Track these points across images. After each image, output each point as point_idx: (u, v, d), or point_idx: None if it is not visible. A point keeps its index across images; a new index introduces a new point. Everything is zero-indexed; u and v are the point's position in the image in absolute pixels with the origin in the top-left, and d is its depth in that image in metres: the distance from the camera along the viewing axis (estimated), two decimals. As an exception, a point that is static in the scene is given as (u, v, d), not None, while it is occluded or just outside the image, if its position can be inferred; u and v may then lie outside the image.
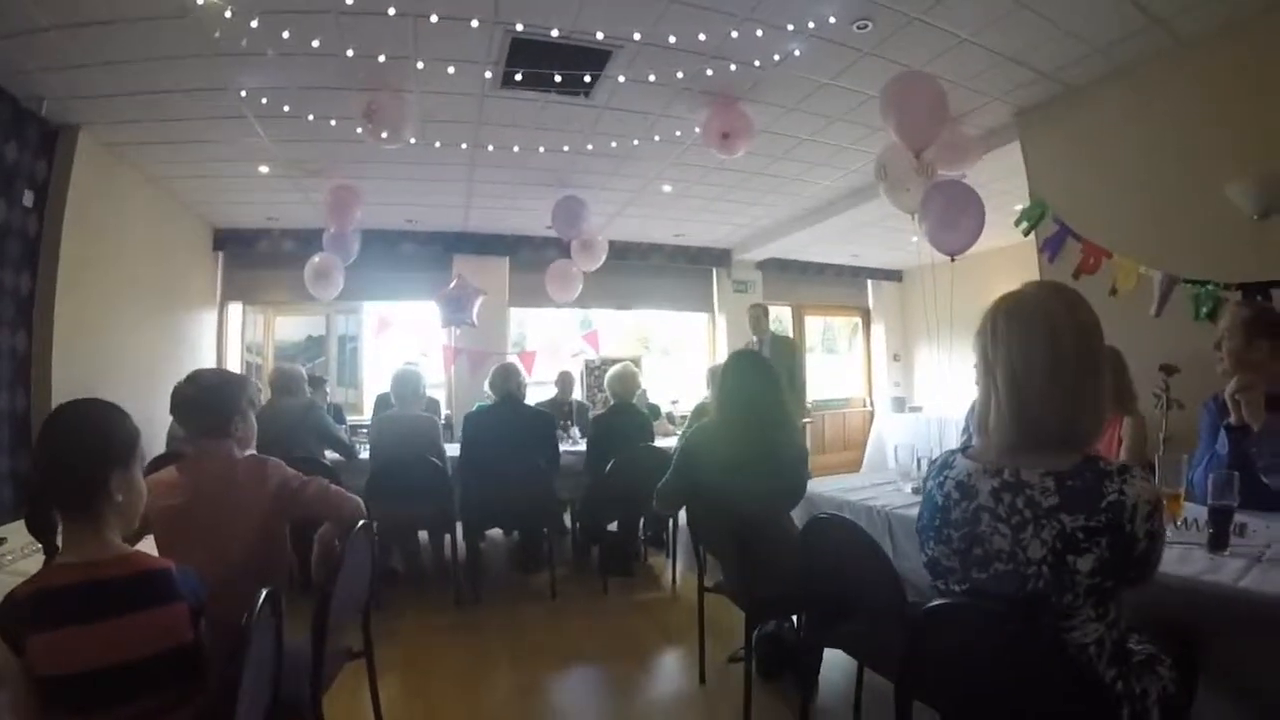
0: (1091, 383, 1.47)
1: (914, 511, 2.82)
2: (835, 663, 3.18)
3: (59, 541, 1.52)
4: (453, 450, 5.03)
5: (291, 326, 8.63)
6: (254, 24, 3.51)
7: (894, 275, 11.09)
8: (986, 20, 3.84)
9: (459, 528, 4.73)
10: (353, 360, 8.75)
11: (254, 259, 7.98)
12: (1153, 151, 4.36)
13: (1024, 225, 5.01)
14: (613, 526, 5.38)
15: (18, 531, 2.52)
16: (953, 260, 4.36)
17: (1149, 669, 1.55)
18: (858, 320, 11.44)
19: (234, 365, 7.88)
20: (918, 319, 10.78)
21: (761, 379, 3.15)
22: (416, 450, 4.65)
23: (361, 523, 2.38)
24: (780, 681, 3.29)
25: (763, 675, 3.27)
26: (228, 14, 3.39)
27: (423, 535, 5.34)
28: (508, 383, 4.93)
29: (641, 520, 5.49)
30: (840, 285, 10.87)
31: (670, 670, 3.74)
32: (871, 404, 10.81)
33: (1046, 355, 1.45)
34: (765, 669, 3.30)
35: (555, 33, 3.80)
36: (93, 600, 1.43)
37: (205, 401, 2.24)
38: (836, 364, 11.65)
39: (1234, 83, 3.89)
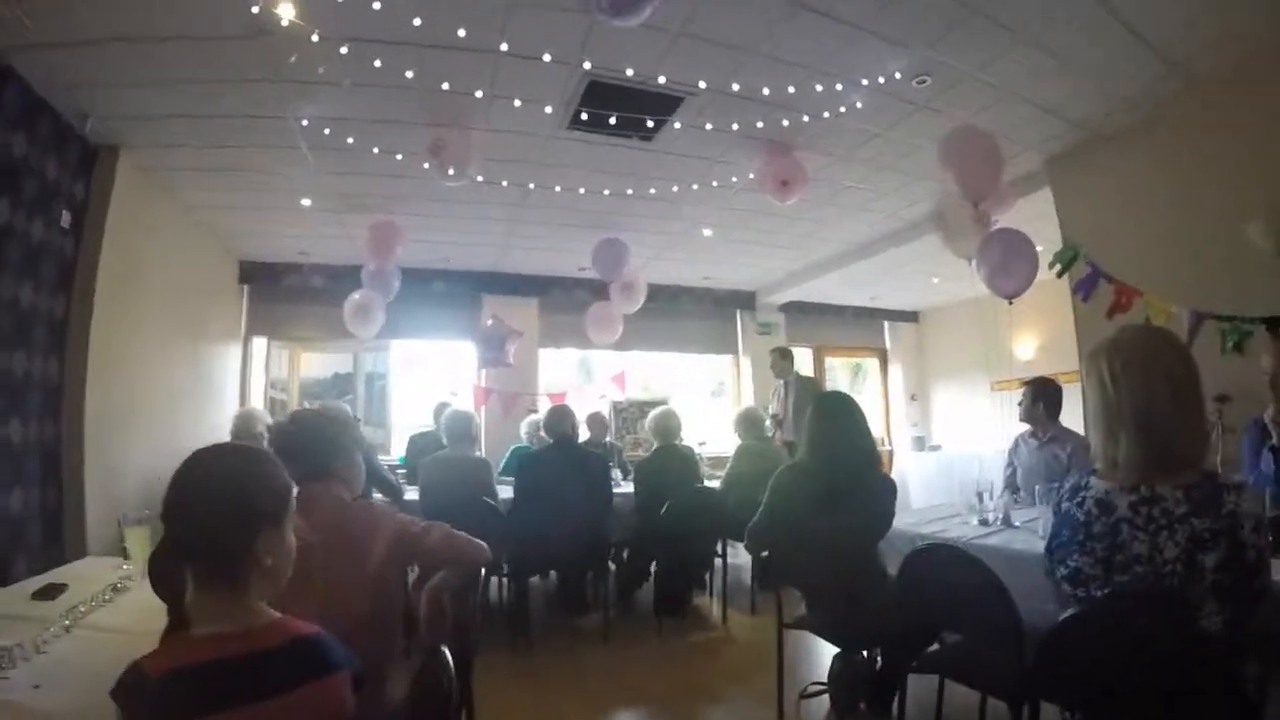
0: (1201, 409, 1.77)
1: (989, 541, 3.06)
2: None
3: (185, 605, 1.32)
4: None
5: (318, 363, 8.56)
6: (344, 50, 3.51)
7: (910, 316, 11.26)
8: (1030, 76, 4.06)
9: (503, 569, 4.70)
10: (381, 398, 8.71)
11: (281, 294, 7.97)
12: (1177, 193, 4.55)
13: (1057, 268, 5.14)
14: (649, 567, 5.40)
15: (76, 578, 2.44)
16: (1010, 303, 4.47)
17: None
18: (859, 361, 11.61)
19: (258, 401, 7.80)
20: (935, 359, 10.94)
21: (852, 419, 3.23)
22: (471, 492, 4.62)
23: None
24: (856, 714, 3.30)
25: (841, 708, 3.29)
26: (314, 38, 3.36)
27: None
28: (563, 424, 4.97)
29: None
30: (859, 327, 11.02)
31: (744, 709, 3.73)
32: (890, 443, 10.87)
33: (1168, 391, 1.70)
34: (843, 701, 3.32)
35: (634, 75, 3.92)
36: (258, 675, 1.23)
37: (308, 441, 2.10)
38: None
39: (1250, 122, 4.09)
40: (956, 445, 10.14)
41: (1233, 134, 4.19)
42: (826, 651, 3.45)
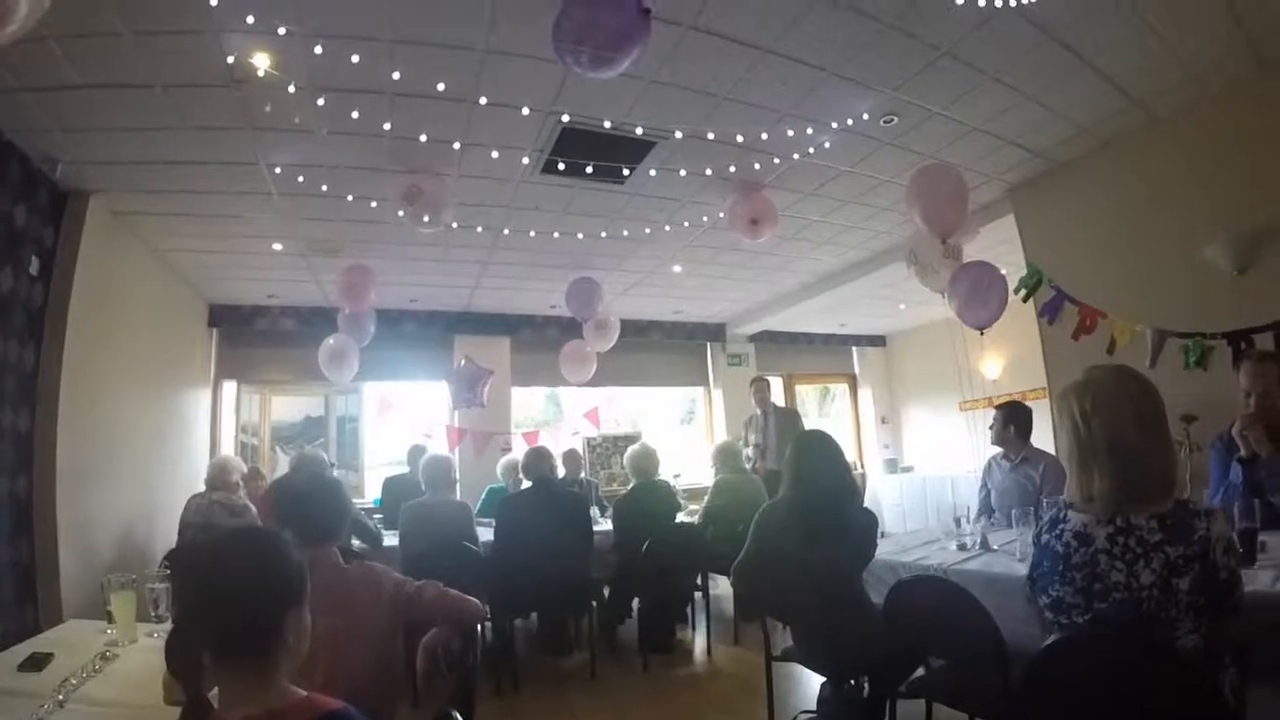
0: (1169, 440, 1.88)
1: (969, 566, 3.13)
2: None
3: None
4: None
5: (289, 407, 8.47)
6: (320, 102, 3.55)
7: (878, 341, 11.47)
8: (996, 110, 4.23)
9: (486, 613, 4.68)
10: (353, 441, 8.65)
11: (251, 337, 7.88)
12: (1137, 218, 4.76)
13: (1022, 292, 5.31)
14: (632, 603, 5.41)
15: (61, 645, 2.37)
16: (981, 334, 4.60)
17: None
18: (826, 387, 11.80)
19: (229, 446, 7.71)
20: (904, 382, 11.14)
21: (831, 455, 3.30)
22: (451, 537, 4.59)
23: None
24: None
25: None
26: (291, 89, 3.39)
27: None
28: (541, 466, 4.98)
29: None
30: (827, 353, 11.20)
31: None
32: (863, 466, 10.99)
33: (1137, 426, 1.81)
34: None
35: (608, 124, 4.02)
36: None
37: (319, 507, 2.10)
38: (826, 429, 11.82)
39: (1207, 152, 4.32)
40: (928, 466, 10.31)
41: (1189, 163, 4.42)
42: (813, 680, 3.48)
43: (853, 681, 3.32)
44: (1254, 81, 4.05)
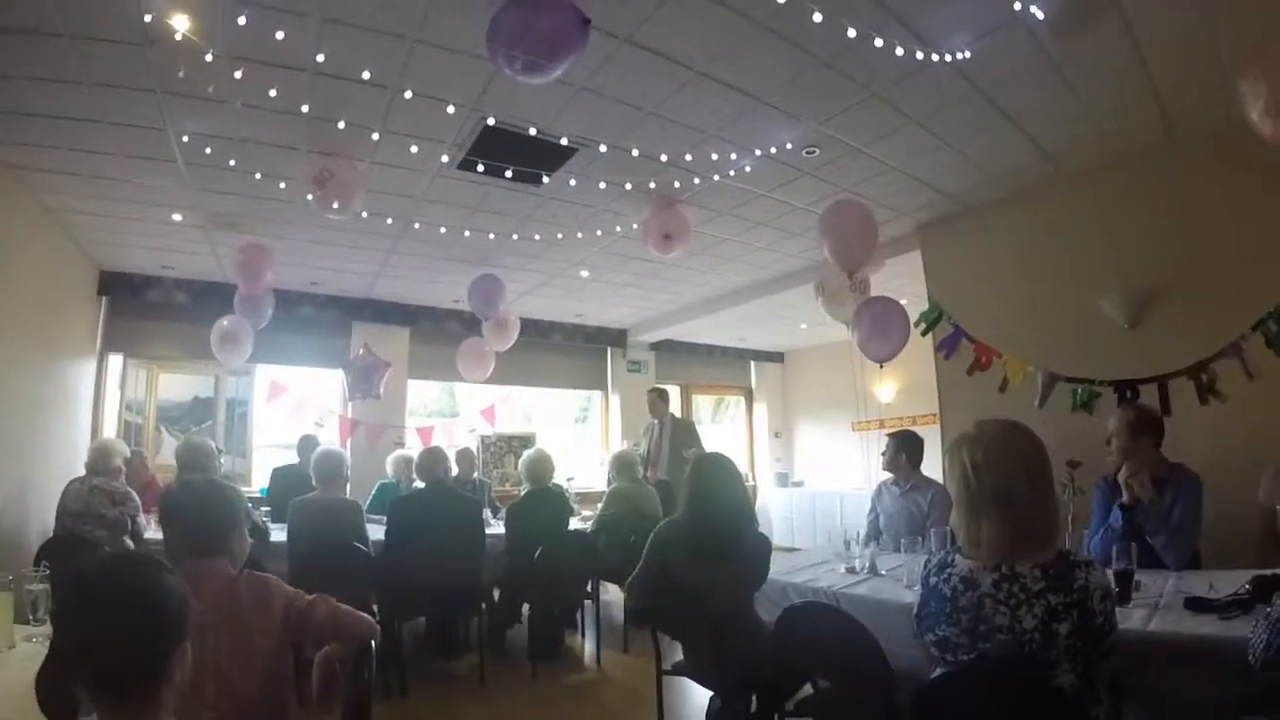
0: (1053, 492, 1.99)
1: (857, 590, 3.24)
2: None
3: None
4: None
5: (177, 385, 7.94)
6: (238, 74, 3.35)
7: (776, 357, 11.79)
8: (914, 152, 4.42)
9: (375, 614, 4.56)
10: (242, 426, 8.22)
11: (142, 309, 7.33)
12: (1039, 265, 5.06)
13: (922, 326, 5.54)
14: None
15: None
16: (881, 366, 4.77)
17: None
18: (722, 398, 12.04)
19: (111, 423, 7.19)
20: (799, 398, 11.45)
21: (730, 478, 3.38)
22: (341, 536, 4.45)
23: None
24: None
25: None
26: (209, 57, 3.18)
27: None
28: (436, 468, 4.92)
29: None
30: (726, 365, 11.42)
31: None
32: (754, 478, 11.24)
33: (1025, 478, 1.92)
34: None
35: (532, 130, 3.98)
36: None
37: (203, 519, 2.00)
38: (719, 439, 12.03)
39: (1111, 211, 4.65)
40: (819, 482, 10.63)
41: (1092, 219, 4.74)
42: (702, 693, 3.53)
43: (741, 697, 3.41)
44: (1162, 150, 4.38)
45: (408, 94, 3.60)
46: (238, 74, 3.36)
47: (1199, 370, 4.26)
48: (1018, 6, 2.97)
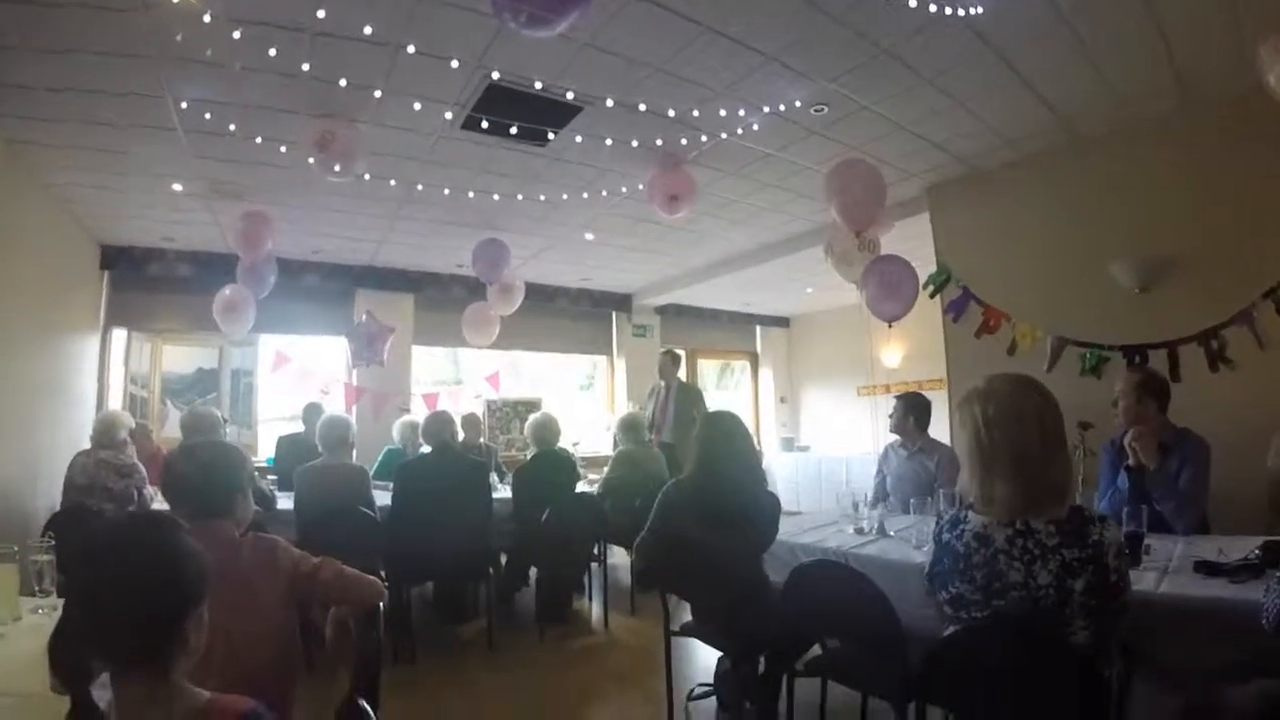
0: (1065, 448, 1.96)
1: (866, 550, 3.22)
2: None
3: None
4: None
5: (181, 357, 7.91)
6: (236, 35, 3.27)
7: (782, 322, 11.74)
8: (926, 112, 4.34)
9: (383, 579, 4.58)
10: (247, 397, 8.20)
11: (144, 282, 7.31)
12: (1049, 230, 5.00)
13: (930, 288, 5.49)
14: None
15: None
16: (890, 326, 4.72)
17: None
18: (728, 363, 12.00)
19: (116, 397, 7.21)
20: (805, 363, 11.42)
21: (739, 438, 3.35)
22: (348, 502, 4.47)
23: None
24: (743, 714, 3.43)
25: (725, 709, 3.43)
26: (206, 18, 3.10)
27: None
28: (443, 431, 4.89)
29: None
30: (732, 330, 11.37)
31: (634, 712, 3.80)
32: (760, 443, 11.24)
33: (1038, 434, 1.89)
34: (727, 702, 3.44)
35: (538, 85, 3.89)
36: None
37: (206, 481, 2.00)
38: (725, 405, 12.04)
39: (1123, 177, 4.59)
40: (825, 447, 10.65)
41: (1104, 184, 4.67)
42: (710, 654, 3.55)
43: (750, 658, 3.42)
44: (1176, 118, 4.31)
45: (410, 49, 3.50)
46: (236, 34, 3.28)
47: (1209, 337, 4.23)
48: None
